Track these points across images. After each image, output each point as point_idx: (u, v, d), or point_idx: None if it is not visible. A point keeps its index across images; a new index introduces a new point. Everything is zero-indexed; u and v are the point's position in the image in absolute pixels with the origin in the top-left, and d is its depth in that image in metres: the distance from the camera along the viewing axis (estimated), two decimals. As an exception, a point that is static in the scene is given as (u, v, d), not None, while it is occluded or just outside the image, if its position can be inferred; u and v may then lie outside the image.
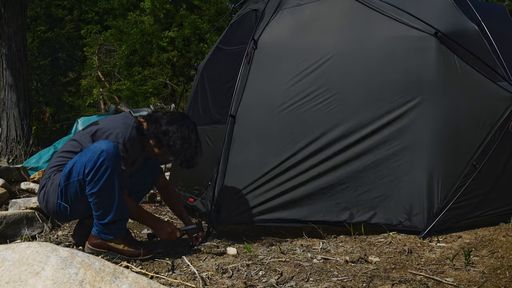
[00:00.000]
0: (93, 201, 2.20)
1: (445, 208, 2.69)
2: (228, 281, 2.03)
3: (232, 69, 3.07)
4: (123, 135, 2.31)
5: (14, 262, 1.37)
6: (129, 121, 2.39)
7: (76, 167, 2.19)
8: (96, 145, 2.19)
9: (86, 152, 2.20)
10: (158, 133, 2.42)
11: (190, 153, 2.44)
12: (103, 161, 2.15)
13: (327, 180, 2.76)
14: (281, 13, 3.02)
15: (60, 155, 2.37)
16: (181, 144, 2.41)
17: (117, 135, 2.31)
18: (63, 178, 2.22)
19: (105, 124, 2.40)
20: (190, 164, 2.48)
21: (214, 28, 7.94)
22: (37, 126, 9.43)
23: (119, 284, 1.38)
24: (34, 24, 11.19)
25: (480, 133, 2.80)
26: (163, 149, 2.46)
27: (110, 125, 2.37)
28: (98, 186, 2.16)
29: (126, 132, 2.32)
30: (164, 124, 2.44)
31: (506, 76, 2.88)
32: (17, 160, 6.18)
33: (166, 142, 2.41)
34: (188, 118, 2.55)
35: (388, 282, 2.03)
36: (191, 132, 2.45)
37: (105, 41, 12.22)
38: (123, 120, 2.40)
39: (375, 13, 2.88)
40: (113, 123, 2.39)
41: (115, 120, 2.42)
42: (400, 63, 2.81)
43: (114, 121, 2.41)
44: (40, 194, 2.35)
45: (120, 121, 2.39)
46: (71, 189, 2.22)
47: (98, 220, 2.25)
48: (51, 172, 2.33)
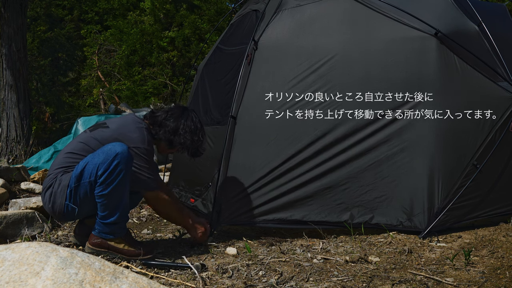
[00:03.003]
0: (102, 202, 2.20)
1: (445, 208, 2.69)
2: (228, 281, 2.03)
3: (232, 70, 3.07)
4: (143, 139, 2.36)
5: (14, 262, 1.37)
6: (140, 124, 2.42)
7: (88, 168, 2.17)
8: (110, 147, 2.17)
9: (99, 153, 2.18)
10: (168, 136, 2.49)
11: (200, 143, 2.56)
12: (117, 164, 2.14)
13: (328, 181, 2.76)
14: (281, 14, 3.02)
15: (67, 155, 2.34)
16: (192, 138, 2.51)
17: (136, 139, 2.33)
18: (74, 180, 2.20)
19: (117, 127, 2.38)
20: (200, 152, 2.60)
21: (214, 28, 7.94)
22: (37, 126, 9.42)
23: (119, 284, 1.38)
24: (34, 24, 11.19)
25: (481, 133, 2.80)
26: (176, 148, 2.57)
27: (124, 130, 2.36)
28: (110, 188, 2.16)
29: (143, 136, 2.37)
30: (171, 124, 2.49)
31: (506, 76, 2.88)
32: (17, 160, 6.17)
33: (178, 142, 2.51)
34: (187, 109, 2.61)
35: (388, 282, 2.03)
36: (197, 123, 2.55)
37: (105, 41, 12.21)
38: (134, 124, 2.41)
39: (375, 14, 2.88)
40: (126, 128, 2.38)
41: (126, 124, 2.41)
42: (400, 64, 2.81)
43: (126, 125, 2.40)
44: (46, 195, 2.30)
45: (133, 125, 2.40)
46: (81, 190, 2.20)
47: (101, 219, 2.25)
48: (57, 172, 2.30)
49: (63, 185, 2.24)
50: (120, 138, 2.30)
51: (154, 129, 2.50)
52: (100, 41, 12.27)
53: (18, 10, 6.47)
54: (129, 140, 2.31)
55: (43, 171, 4.29)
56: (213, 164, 2.93)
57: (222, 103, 3.13)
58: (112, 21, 12.24)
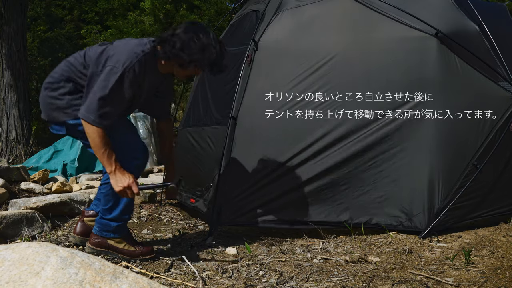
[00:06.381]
0: (106, 192, 2.22)
1: (445, 208, 2.69)
2: (228, 281, 2.03)
3: (232, 70, 3.07)
4: (124, 64, 2.13)
5: (14, 262, 1.37)
6: (139, 49, 2.19)
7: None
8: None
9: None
10: (176, 53, 2.18)
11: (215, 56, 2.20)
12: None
13: (328, 181, 2.76)
14: (281, 14, 3.01)
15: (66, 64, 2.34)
16: (203, 54, 2.17)
17: (118, 61, 2.14)
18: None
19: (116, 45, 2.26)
20: (220, 68, 2.28)
21: (214, 28, 7.93)
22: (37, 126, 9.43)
23: (119, 284, 1.38)
24: (34, 24, 11.19)
25: (481, 133, 2.80)
26: (189, 68, 2.23)
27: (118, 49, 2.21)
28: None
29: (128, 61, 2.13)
30: (177, 39, 2.18)
31: (506, 76, 2.88)
32: (17, 160, 6.17)
33: (188, 59, 2.17)
34: (197, 23, 2.32)
35: (388, 282, 2.03)
36: (208, 34, 2.20)
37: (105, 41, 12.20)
38: (133, 47, 2.20)
39: (375, 14, 2.88)
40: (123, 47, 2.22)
41: (127, 44, 2.24)
42: (400, 64, 2.81)
43: (125, 45, 2.23)
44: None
45: (130, 47, 2.20)
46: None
47: (103, 214, 2.26)
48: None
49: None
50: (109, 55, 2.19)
51: (163, 49, 2.21)
52: (100, 41, 12.25)
53: (18, 10, 6.47)
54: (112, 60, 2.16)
55: (43, 171, 4.29)
56: (214, 165, 2.93)
57: (222, 104, 3.13)
58: (112, 21, 12.23)
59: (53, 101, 2.29)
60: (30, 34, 10.64)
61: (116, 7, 12.90)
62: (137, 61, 2.15)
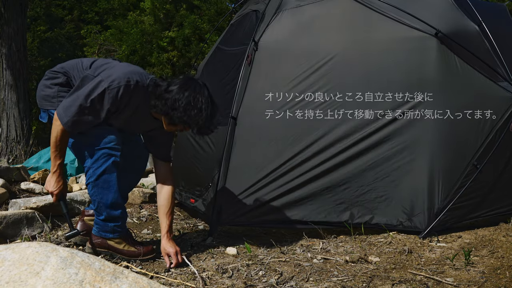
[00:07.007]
0: (90, 193, 2.25)
1: (445, 208, 2.69)
2: (228, 281, 2.03)
3: (232, 70, 3.07)
4: (112, 81, 2.11)
5: (14, 262, 1.37)
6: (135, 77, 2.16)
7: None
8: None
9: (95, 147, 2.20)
10: (166, 110, 2.14)
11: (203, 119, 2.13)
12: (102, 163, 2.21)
13: (328, 181, 2.76)
14: (281, 14, 3.02)
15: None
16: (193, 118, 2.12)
17: (109, 76, 2.12)
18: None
19: (121, 64, 2.27)
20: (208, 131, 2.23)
21: (214, 28, 7.95)
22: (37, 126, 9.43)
23: (119, 284, 1.38)
24: (34, 24, 11.19)
25: (481, 133, 2.80)
26: (178, 125, 2.19)
27: (118, 67, 2.21)
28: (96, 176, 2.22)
29: (117, 81, 2.11)
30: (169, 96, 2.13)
31: (506, 76, 2.88)
32: (17, 160, 6.17)
33: (177, 117, 2.13)
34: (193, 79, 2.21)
35: (388, 282, 2.03)
36: (200, 96, 2.13)
37: (105, 41, 12.20)
38: (131, 73, 2.18)
39: (375, 14, 2.88)
40: (123, 68, 2.22)
41: (129, 67, 2.25)
42: (400, 64, 2.81)
43: (127, 67, 2.24)
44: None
45: (128, 70, 2.19)
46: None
47: (96, 215, 2.27)
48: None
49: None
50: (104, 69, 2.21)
51: (154, 101, 2.18)
52: (100, 41, 12.27)
53: (18, 10, 6.47)
54: (104, 74, 2.16)
55: (43, 171, 4.29)
56: (214, 165, 2.93)
57: (222, 104, 3.12)
58: (112, 21, 12.23)
59: (44, 88, 2.35)
60: (30, 34, 10.65)
61: (116, 7, 12.90)
62: (125, 85, 2.13)
